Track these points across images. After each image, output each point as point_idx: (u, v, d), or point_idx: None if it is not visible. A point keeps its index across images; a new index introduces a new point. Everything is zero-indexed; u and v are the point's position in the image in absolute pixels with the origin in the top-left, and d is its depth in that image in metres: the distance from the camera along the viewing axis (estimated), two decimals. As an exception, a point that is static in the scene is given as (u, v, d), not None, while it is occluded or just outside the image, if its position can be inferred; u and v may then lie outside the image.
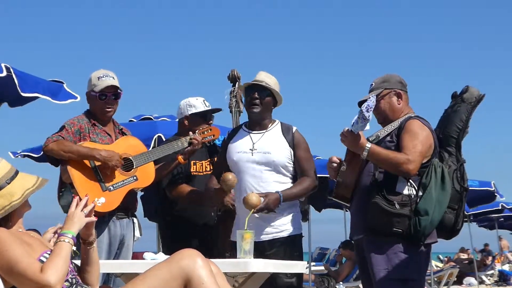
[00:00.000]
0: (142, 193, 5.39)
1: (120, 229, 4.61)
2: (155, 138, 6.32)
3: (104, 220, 4.48)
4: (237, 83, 5.80)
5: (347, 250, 11.94)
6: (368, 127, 3.90)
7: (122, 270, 3.90)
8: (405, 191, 3.93)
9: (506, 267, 20.58)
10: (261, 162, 4.39)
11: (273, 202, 4.23)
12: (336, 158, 4.18)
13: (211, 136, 4.85)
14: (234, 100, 5.83)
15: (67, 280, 2.93)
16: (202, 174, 5.02)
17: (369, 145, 3.96)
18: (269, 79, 4.47)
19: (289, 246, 4.37)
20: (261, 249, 4.19)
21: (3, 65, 4.71)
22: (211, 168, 5.02)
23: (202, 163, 5.09)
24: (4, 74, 4.70)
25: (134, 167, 4.58)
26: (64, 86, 5.19)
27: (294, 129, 4.49)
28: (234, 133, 4.59)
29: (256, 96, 4.42)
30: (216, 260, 3.44)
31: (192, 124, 4.99)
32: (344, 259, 12.88)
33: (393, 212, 3.85)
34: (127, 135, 4.81)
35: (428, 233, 3.92)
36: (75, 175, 4.42)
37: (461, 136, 4.08)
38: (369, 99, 3.85)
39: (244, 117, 4.98)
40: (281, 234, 4.35)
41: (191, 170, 5.01)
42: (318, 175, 4.60)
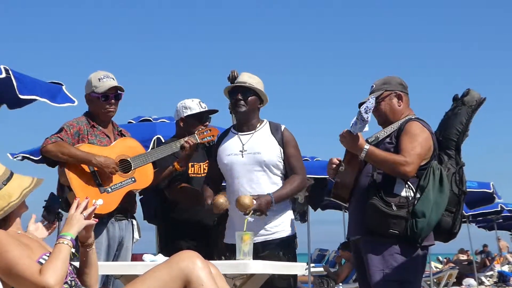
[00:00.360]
0: (141, 196, 5.39)
1: (119, 231, 4.60)
2: (154, 140, 6.31)
3: (103, 222, 4.47)
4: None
5: (347, 252, 11.91)
6: (367, 129, 3.90)
7: (122, 272, 3.89)
8: (403, 193, 3.93)
9: (506, 268, 20.59)
10: (252, 163, 4.37)
11: (265, 204, 4.22)
12: (336, 160, 4.19)
13: (210, 137, 4.84)
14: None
15: (66, 283, 2.93)
16: (200, 176, 5.02)
17: (367, 147, 3.96)
18: (252, 79, 4.45)
19: (283, 248, 4.36)
20: (254, 251, 4.18)
21: (2, 67, 4.69)
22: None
23: (200, 165, 5.09)
24: (3, 76, 4.69)
25: (132, 169, 4.58)
26: (63, 89, 5.18)
27: (283, 127, 4.48)
28: (223, 137, 4.56)
29: (240, 97, 4.41)
30: (216, 262, 3.43)
31: (188, 126, 4.99)
32: (344, 261, 12.87)
33: (390, 214, 3.85)
34: (125, 137, 4.80)
35: (425, 235, 3.92)
36: (73, 177, 4.41)
37: (461, 139, 4.08)
38: (368, 101, 3.85)
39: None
40: (274, 236, 4.34)
41: (189, 172, 5.02)
42: (317, 176, 4.60)
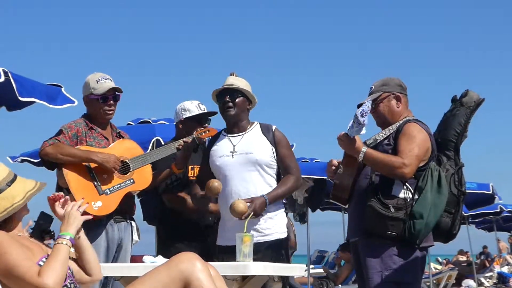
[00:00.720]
0: (141, 198, 5.39)
1: (118, 233, 4.60)
2: (153, 142, 6.31)
3: (102, 224, 4.48)
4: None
5: (346, 253, 11.90)
6: (364, 131, 3.91)
7: (122, 274, 3.89)
8: (401, 195, 3.94)
9: (505, 269, 20.57)
10: (244, 163, 4.35)
11: (260, 207, 4.20)
12: (336, 162, 4.21)
13: (210, 137, 4.84)
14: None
15: (65, 286, 2.93)
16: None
17: (365, 149, 3.97)
18: (238, 82, 4.45)
19: (275, 250, 4.34)
20: None
21: (1, 70, 4.70)
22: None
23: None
24: (2, 79, 4.69)
25: (131, 170, 4.58)
26: (62, 90, 5.17)
27: (274, 128, 4.46)
28: (214, 140, 4.56)
29: (228, 100, 4.40)
30: (215, 263, 3.43)
31: (188, 128, 4.99)
32: (343, 262, 12.86)
33: (388, 215, 3.86)
34: (124, 138, 4.80)
35: (423, 237, 3.93)
36: (71, 180, 4.41)
37: (460, 140, 4.09)
38: (364, 104, 3.85)
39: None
40: (267, 238, 4.31)
41: (189, 175, 5.00)
42: (317, 177, 4.59)
